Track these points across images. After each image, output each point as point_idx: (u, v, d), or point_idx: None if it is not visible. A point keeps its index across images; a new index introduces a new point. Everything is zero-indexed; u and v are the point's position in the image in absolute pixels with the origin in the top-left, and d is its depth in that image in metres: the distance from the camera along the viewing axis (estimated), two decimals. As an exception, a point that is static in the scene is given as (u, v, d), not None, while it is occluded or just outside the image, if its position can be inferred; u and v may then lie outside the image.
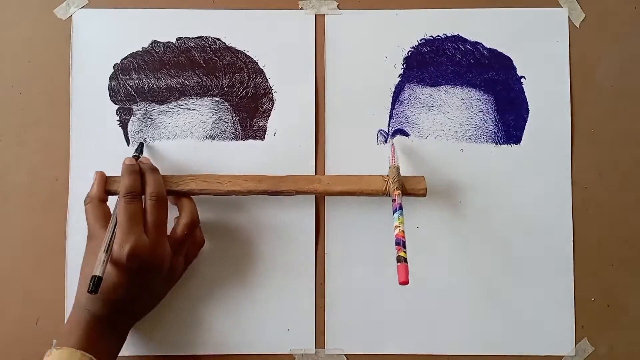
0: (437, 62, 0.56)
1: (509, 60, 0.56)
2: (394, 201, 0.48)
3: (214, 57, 0.56)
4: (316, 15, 0.56)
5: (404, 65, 0.56)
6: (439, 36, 0.56)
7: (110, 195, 0.51)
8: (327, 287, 0.54)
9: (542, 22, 0.56)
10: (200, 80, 0.55)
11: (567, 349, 0.54)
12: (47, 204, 0.54)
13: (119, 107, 0.55)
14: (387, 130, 0.55)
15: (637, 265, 0.54)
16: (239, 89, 0.55)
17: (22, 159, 0.55)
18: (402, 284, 0.42)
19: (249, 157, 0.55)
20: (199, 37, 0.56)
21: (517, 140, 0.55)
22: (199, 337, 0.53)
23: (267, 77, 0.56)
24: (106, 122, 0.55)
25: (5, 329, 0.54)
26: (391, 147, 0.53)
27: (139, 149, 0.54)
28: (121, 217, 0.46)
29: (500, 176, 0.55)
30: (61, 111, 0.55)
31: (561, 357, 0.54)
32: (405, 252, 0.44)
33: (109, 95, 0.55)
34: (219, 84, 0.55)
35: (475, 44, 0.56)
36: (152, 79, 0.55)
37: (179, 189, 0.51)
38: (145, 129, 0.55)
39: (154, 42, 0.56)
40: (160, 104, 0.55)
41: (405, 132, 0.55)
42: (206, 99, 0.55)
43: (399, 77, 0.56)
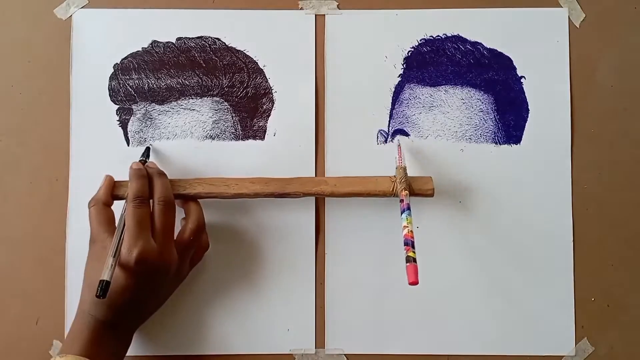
0: (437, 62, 0.56)
1: (509, 60, 0.56)
2: (401, 202, 0.48)
3: (214, 57, 0.56)
4: (316, 15, 0.56)
5: (404, 65, 0.56)
6: (439, 36, 0.56)
7: (115, 200, 0.50)
8: (327, 287, 0.54)
9: (542, 22, 0.56)
10: (200, 80, 0.55)
11: (567, 349, 0.54)
12: (47, 204, 0.54)
13: (119, 107, 0.55)
14: (387, 130, 0.55)
15: (637, 265, 0.54)
16: (239, 89, 0.55)
17: (22, 159, 0.55)
18: (412, 284, 0.42)
19: (249, 157, 0.55)
20: (199, 37, 0.56)
21: (517, 140, 0.55)
22: (199, 337, 0.53)
23: (267, 77, 0.56)
24: (106, 122, 0.55)
25: (5, 329, 0.53)
26: (398, 147, 0.53)
27: (146, 154, 0.53)
28: (129, 222, 0.46)
29: (500, 176, 0.55)
30: (61, 111, 0.55)
31: (561, 357, 0.54)
32: (414, 252, 0.44)
33: (109, 95, 0.55)
34: (219, 84, 0.55)
35: (475, 44, 0.56)
36: (152, 79, 0.55)
37: (185, 193, 0.51)
38: (145, 129, 0.55)
39: (154, 42, 0.56)
40: (160, 104, 0.55)
41: (405, 132, 0.55)
42: (206, 99, 0.55)
43: (399, 77, 0.56)
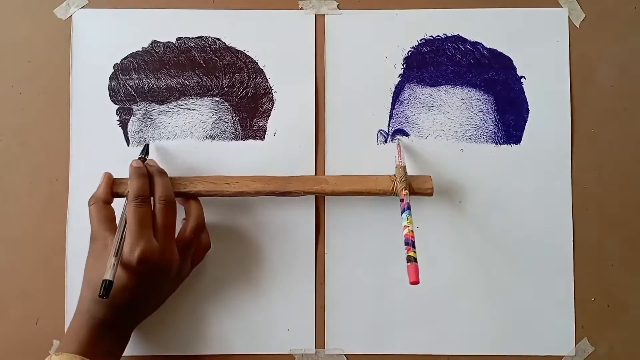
0: (437, 62, 0.56)
1: (509, 60, 0.56)
2: (401, 201, 0.48)
3: (214, 57, 0.56)
4: (316, 15, 0.56)
5: (404, 65, 0.56)
6: (439, 36, 0.56)
7: (115, 197, 0.50)
8: (327, 287, 0.54)
9: (542, 22, 0.56)
10: (200, 80, 0.55)
11: (567, 349, 0.54)
12: (47, 204, 0.54)
13: (119, 107, 0.55)
14: (387, 130, 0.55)
15: (637, 265, 0.54)
16: (239, 89, 0.55)
17: (22, 159, 0.55)
18: (413, 284, 0.42)
19: (249, 157, 0.55)
20: (199, 37, 0.56)
21: (517, 140, 0.55)
22: (199, 337, 0.53)
23: (267, 77, 0.56)
24: (106, 122, 0.55)
25: (5, 329, 0.53)
26: (397, 147, 0.53)
27: (145, 151, 0.53)
28: (131, 221, 0.46)
29: (500, 176, 0.55)
30: (61, 111, 0.55)
31: (561, 357, 0.54)
32: (414, 251, 0.44)
33: (109, 95, 0.55)
34: (219, 84, 0.55)
35: (475, 44, 0.56)
36: (152, 79, 0.55)
37: (186, 191, 0.51)
38: (145, 129, 0.55)
39: (154, 42, 0.56)
40: (160, 104, 0.55)
41: (405, 132, 0.55)
42: (206, 99, 0.55)
43: (399, 77, 0.56)
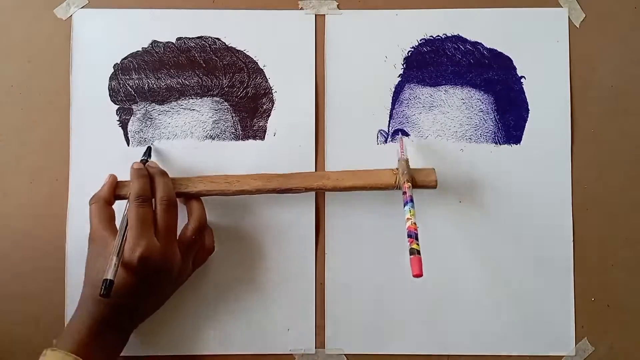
0: (437, 62, 0.56)
1: (509, 60, 0.56)
2: (404, 194, 0.48)
3: (214, 57, 0.56)
4: (316, 15, 0.56)
5: (404, 65, 0.56)
6: (439, 36, 0.56)
7: (117, 199, 0.50)
8: (327, 287, 0.54)
9: (542, 22, 0.56)
10: (200, 80, 0.55)
11: (567, 349, 0.54)
12: (47, 204, 0.54)
13: (119, 107, 0.55)
14: (387, 130, 0.55)
15: (637, 265, 0.54)
16: (239, 89, 0.55)
17: (22, 159, 0.55)
18: (416, 277, 0.42)
19: (249, 157, 0.55)
20: (199, 37, 0.56)
21: (517, 140, 0.55)
22: (199, 337, 0.53)
23: (267, 77, 0.56)
24: (106, 122, 0.55)
25: (5, 329, 0.54)
26: (400, 140, 0.53)
27: (147, 153, 0.53)
28: (132, 221, 0.46)
29: (500, 176, 0.55)
30: (61, 111, 0.55)
31: (561, 357, 0.54)
32: (418, 244, 0.44)
33: (109, 95, 0.55)
34: (219, 84, 0.55)
35: (475, 44, 0.56)
36: (152, 79, 0.55)
37: (187, 191, 0.51)
38: (145, 129, 0.55)
39: (154, 42, 0.56)
40: (160, 104, 0.55)
41: (405, 132, 0.55)
42: (206, 99, 0.55)
43: (399, 77, 0.56)
